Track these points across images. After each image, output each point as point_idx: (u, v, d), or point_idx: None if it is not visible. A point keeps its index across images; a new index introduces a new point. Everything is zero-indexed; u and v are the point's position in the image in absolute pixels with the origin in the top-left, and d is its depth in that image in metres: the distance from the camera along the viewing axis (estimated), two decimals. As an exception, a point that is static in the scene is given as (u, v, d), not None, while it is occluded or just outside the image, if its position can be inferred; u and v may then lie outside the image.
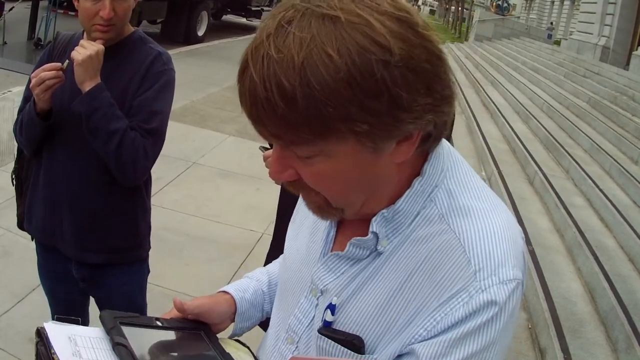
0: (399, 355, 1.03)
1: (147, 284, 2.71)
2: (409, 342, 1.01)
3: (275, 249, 2.29)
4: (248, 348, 1.37)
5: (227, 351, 1.29)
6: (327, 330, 1.09)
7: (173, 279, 4.27)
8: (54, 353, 1.05)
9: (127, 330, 1.17)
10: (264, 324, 1.61)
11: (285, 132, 0.89)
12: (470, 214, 1.04)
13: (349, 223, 1.17)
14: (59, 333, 1.12)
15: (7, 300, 3.82)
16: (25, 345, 3.40)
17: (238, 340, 1.40)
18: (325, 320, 1.10)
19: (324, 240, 1.20)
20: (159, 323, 1.28)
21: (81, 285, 2.53)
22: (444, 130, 1.02)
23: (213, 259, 4.92)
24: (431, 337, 0.99)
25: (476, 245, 1.00)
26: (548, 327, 4.29)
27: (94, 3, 2.17)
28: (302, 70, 0.84)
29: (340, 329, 1.09)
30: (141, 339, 1.19)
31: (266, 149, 2.27)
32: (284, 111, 0.86)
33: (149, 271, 2.70)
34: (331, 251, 1.17)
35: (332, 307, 1.10)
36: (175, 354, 1.23)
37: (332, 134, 0.89)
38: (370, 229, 1.06)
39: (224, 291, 1.45)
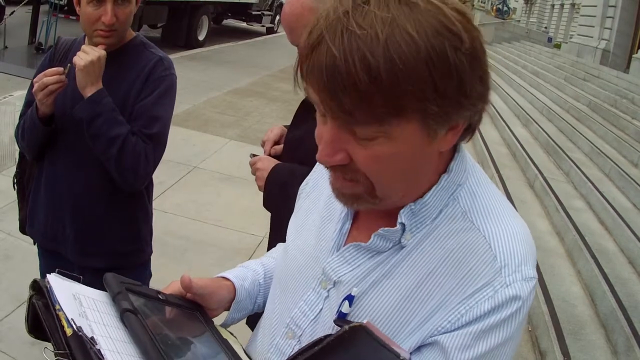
0: (420, 347, 1.05)
1: (149, 288, 2.71)
2: (431, 334, 1.04)
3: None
4: (236, 338, 1.35)
5: (224, 337, 1.28)
6: (343, 321, 1.08)
7: (174, 282, 4.23)
8: (60, 309, 0.99)
9: (131, 297, 1.14)
10: (250, 322, 1.60)
11: (361, 107, 0.90)
12: (493, 215, 1.07)
13: (364, 217, 1.19)
14: (64, 289, 1.07)
15: (8, 303, 3.83)
16: (27, 349, 3.40)
17: (227, 330, 1.38)
18: (340, 311, 1.10)
19: (337, 233, 1.20)
20: (160, 296, 1.25)
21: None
22: (479, 122, 1.05)
23: (214, 263, 4.92)
24: (455, 329, 1.01)
25: (501, 243, 1.03)
26: (548, 329, 4.30)
27: (96, 8, 2.18)
28: (386, 47, 0.86)
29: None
30: (143, 309, 1.15)
31: (255, 155, 2.29)
32: (367, 86, 0.87)
33: (150, 275, 2.70)
34: (345, 244, 1.18)
35: (350, 298, 1.10)
36: (175, 330, 1.20)
37: (404, 113, 0.91)
38: (399, 220, 1.08)
39: (223, 277, 1.44)
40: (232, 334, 1.37)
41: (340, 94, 0.89)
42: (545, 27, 41.15)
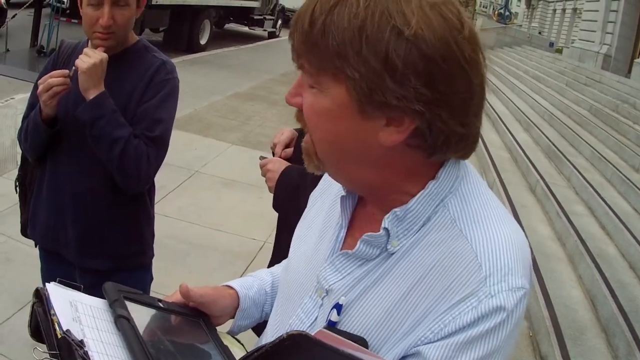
0: (404, 357, 1.04)
1: (150, 292, 2.71)
2: (415, 343, 1.02)
3: (277, 257, 2.32)
4: (243, 346, 1.36)
5: (225, 344, 1.29)
6: (331, 330, 1.07)
7: (175, 286, 4.18)
8: (54, 314, 1.04)
9: (129, 305, 1.17)
10: (257, 329, 1.61)
11: (303, 50, 1.01)
12: (482, 222, 1.05)
13: (359, 226, 1.18)
14: (61, 296, 1.11)
15: (9, 306, 3.83)
16: (27, 352, 3.39)
17: (234, 337, 1.39)
18: (330, 320, 1.11)
19: (332, 241, 1.21)
20: (160, 304, 1.28)
21: (83, 292, 2.53)
22: (438, 138, 1.00)
23: (215, 267, 4.93)
24: (438, 340, 0.99)
25: (488, 252, 1.01)
26: (549, 334, 4.30)
27: (95, 10, 2.19)
28: (333, 7, 0.96)
29: (344, 330, 1.09)
30: (142, 317, 1.18)
31: (265, 158, 2.31)
32: (306, 30, 0.99)
33: (152, 278, 2.71)
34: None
35: (338, 307, 1.10)
36: (174, 338, 1.22)
37: (330, 68, 0.98)
38: (382, 225, 1.07)
39: (228, 286, 1.45)
40: (239, 341, 1.38)
41: (294, 35, 1.03)
42: (540, 33, 41.19)
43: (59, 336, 1.01)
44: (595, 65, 19.49)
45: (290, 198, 2.08)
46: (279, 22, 24.14)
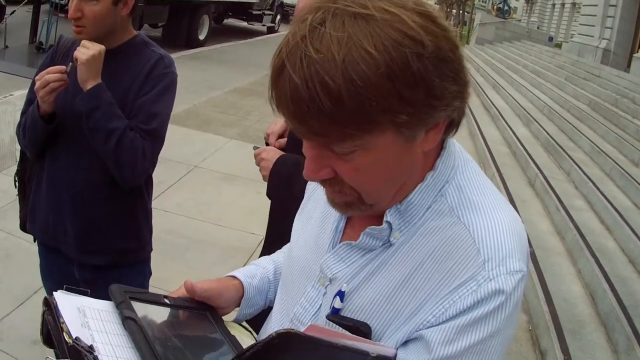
0: (407, 341, 1.06)
1: (149, 287, 2.71)
2: (417, 328, 1.04)
3: (270, 243, 2.34)
4: (251, 333, 1.39)
5: (232, 334, 1.31)
6: (335, 316, 1.11)
7: (174, 281, 4.18)
8: (63, 322, 1.06)
9: (135, 305, 1.18)
10: (254, 324, 1.63)
11: (331, 129, 0.91)
12: (479, 209, 1.08)
13: (358, 215, 1.19)
14: (68, 303, 1.13)
15: (9, 303, 3.83)
16: (27, 348, 3.41)
17: (241, 325, 1.42)
18: (333, 307, 1.13)
19: (332, 232, 1.23)
20: (166, 301, 1.29)
21: (83, 287, 2.53)
22: (462, 117, 1.07)
23: (214, 261, 4.93)
24: (439, 323, 1.02)
25: (485, 237, 1.03)
26: (548, 328, 4.30)
27: (72, 3, 2.22)
28: (345, 68, 0.86)
29: (348, 316, 1.11)
30: (149, 315, 1.20)
31: (258, 147, 2.33)
32: (331, 109, 0.88)
33: (150, 273, 2.71)
34: (340, 242, 1.20)
35: (341, 294, 1.12)
36: (182, 332, 1.25)
37: (375, 127, 0.92)
38: (385, 219, 1.09)
39: (232, 276, 1.47)
40: (246, 328, 1.41)
41: (308, 120, 0.91)
42: (539, 27, 41.20)
43: (69, 344, 1.03)
44: (594, 60, 19.46)
45: (284, 186, 2.13)
46: (278, 17, 24.11)
